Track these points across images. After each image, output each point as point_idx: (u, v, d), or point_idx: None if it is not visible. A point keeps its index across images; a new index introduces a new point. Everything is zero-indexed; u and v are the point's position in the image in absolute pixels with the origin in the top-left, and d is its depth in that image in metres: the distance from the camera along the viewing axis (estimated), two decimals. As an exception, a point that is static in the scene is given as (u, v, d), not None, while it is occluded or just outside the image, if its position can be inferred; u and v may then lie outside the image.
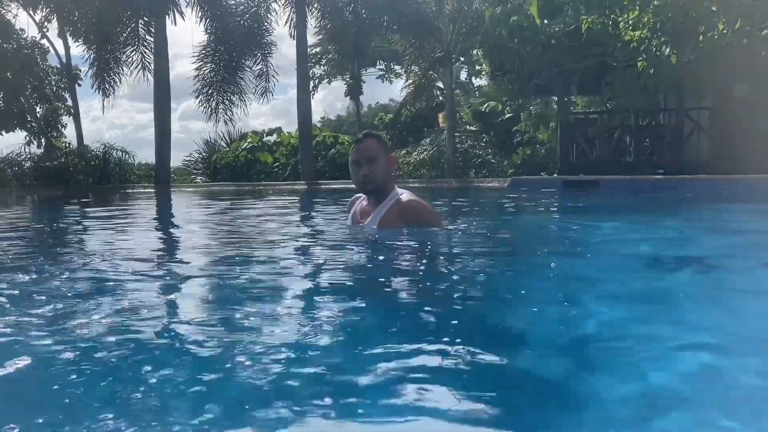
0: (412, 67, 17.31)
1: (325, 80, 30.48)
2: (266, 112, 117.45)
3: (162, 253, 3.75)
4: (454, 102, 17.42)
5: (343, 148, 19.97)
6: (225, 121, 17.13)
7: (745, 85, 13.87)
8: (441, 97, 24.12)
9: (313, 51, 27.78)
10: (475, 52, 18.94)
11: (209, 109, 16.85)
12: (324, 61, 28.03)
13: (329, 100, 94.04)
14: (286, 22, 16.77)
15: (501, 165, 16.75)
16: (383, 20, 16.02)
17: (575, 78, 14.95)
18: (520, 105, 26.70)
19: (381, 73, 30.26)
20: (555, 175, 16.21)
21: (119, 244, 4.11)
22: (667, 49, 12.25)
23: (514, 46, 12.54)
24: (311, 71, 27.82)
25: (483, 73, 19.15)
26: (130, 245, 4.00)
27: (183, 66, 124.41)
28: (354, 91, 29.81)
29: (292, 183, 16.70)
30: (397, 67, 29.22)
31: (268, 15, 17.22)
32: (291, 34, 16.70)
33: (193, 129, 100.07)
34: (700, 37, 12.50)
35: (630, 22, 12.83)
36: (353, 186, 3.46)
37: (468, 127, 19.53)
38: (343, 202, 5.17)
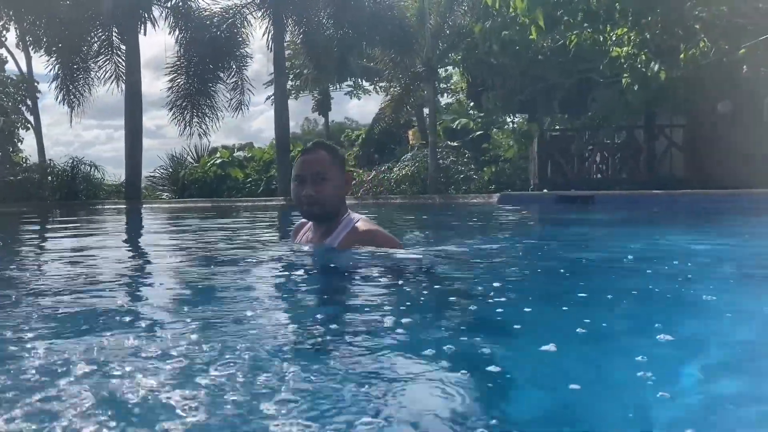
0: (392, 82, 17.09)
1: (292, 95, 30.08)
2: (215, 129, 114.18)
3: (139, 274, 3.19)
4: (435, 117, 17.26)
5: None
6: (199, 135, 16.53)
7: (728, 102, 14.13)
8: (413, 115, 24.02)
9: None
10: (446, 68, 18.84)
11: (183, 122, 16.24)
12: (292, 75, 27.63)
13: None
14: (264, 34, 16.40)
15: (482, 181, 16.64)
16: (364, 34, 15.77)
17: (558, 94, 14.99)
18: (490, 122, 26.93)
19: (349, 89, 30.04)
20: (531, 190, 16.20)
21: (87, 266, 3.49)
22: (656, 66, 12.35)
23: (505, 61, 12.45)
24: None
25: (459, 89, 19.05)
26: (100, 269, 3.32)
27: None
28: (323, 106, 29.56)
29: (269, 199, 16.21)
30: (366, 84, 29.11)
31: (243, 28, 16.79)
32: (269, 46, 16.31)
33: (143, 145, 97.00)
34: (681, 55, 12.69)
35: (615, 38, 12.94)
36: None
37: (449, 142, 19.39)
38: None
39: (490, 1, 11.42)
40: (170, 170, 22.14)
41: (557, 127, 16.53)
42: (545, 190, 13.12)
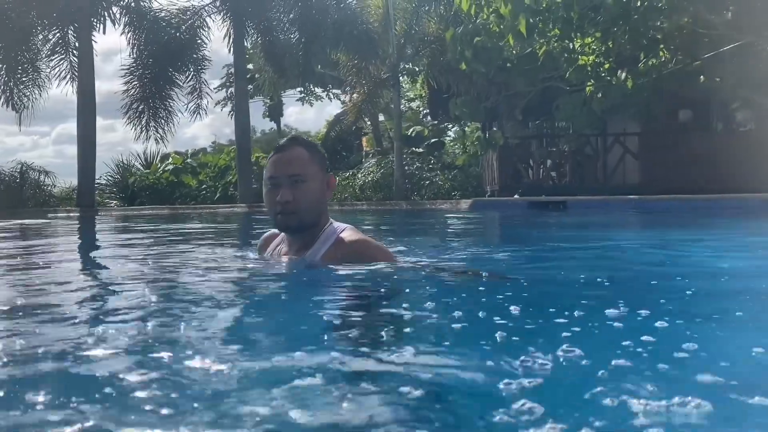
0: (356, 87, 16.94)
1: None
2: (172, 134, 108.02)
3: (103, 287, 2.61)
4: (401, 123, 17.21)
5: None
6: (156, 140, 15.92)
7: (688, 111, 14.63)
8: (368, 121, 23.95)
9: (231, 71, 26.84)
10: (411, 76, 18.85)
11: (140, 126, 15.60)
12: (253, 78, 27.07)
13: (216, 125, 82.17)
14: (225, 37, 15.98)
15: (446, 187, 16.68)
16: (328, 39, 15.57)
17: (521, 102, 15.18)
18: (442, 130, 27.17)
19: (301, 95, 29.69)
20: (487, 197, 16.34)
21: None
22: (623, 74, 12.67)
23: (477, 68, 12.50)
24: (229, 91, 26.87)
25: (417, 96, 19.08)
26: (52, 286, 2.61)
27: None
28: (275, 112, 29.14)
29: (231, 206, 15.76)
30: (318, 90, 28.87)
31: (202, 30, 16.31)
32: (229, 48, 15.91)
33: (68, 153, 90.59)
34: (640, 65, 13.08)
35: (581, 47, 13.21)
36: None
37: (415, 149, 19.39)
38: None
39: (465, 6, 11.47)
40: (117, 177, 21.29)
41: (518, 134, 16.76)
42: (516, 197, 13.22)
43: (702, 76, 13.43)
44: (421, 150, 19.34)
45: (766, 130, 12.76)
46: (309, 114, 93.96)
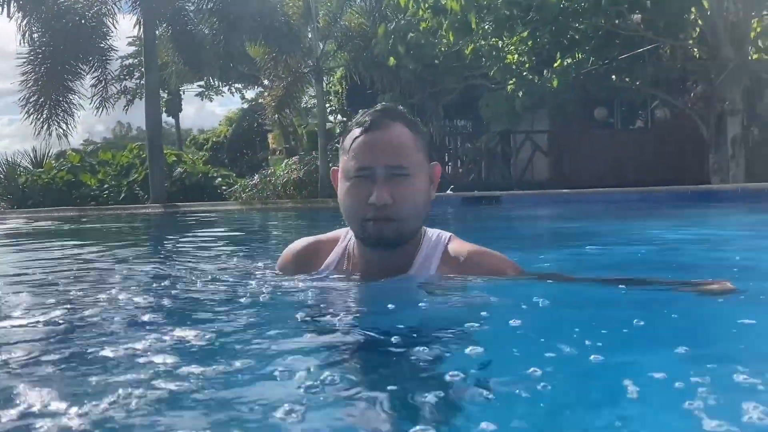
0: (275, 81, 16.42)
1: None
2: (12, 133, 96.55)
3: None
4: (325, 119, 16.88)
5: (189, 166, 18.28)
6: (59, 136, 14.63)
7: (603, 109, 15.39)
8: (277, 117, 23.34)
9: (130, 62, 25.31)
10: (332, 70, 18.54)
11: (41, 120, 14.26)
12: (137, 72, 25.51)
13: (89, 122, 73.33)
14: (135, 26, 14.95)
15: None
16: (247, 30, 14.96)
17: (444, 99, 15.37)
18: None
19: (201, 89, 28.47)
20: None
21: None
22: (548, 73, 13.12)
23: (408, 64, 12.48)
24: (123, 84, 25.25)
25: (335, 92, 18.83)
26: None
27: None
28: (174, 107, 27.73)
29: (144, 206, 14.79)
30: (220, 84, 27.79)
31: (107, 18, 15.14)
32: (139, 38, 14.91)
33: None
34: (556, 64, 13.64)
35: (505, 46, 13.56)
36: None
37: (337, 145, 19.05)
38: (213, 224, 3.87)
39: (403, 1, 11.41)
40: (2, 176, 19.37)
41: (442, 131, 16.97)
42: (449, 192, 13.34)
43: (614, 76, 14.22)
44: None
45: (679, 129, 13.69)
46: (203, 110, 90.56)
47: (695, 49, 13.60)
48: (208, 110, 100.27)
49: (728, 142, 12.33)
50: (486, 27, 11.48)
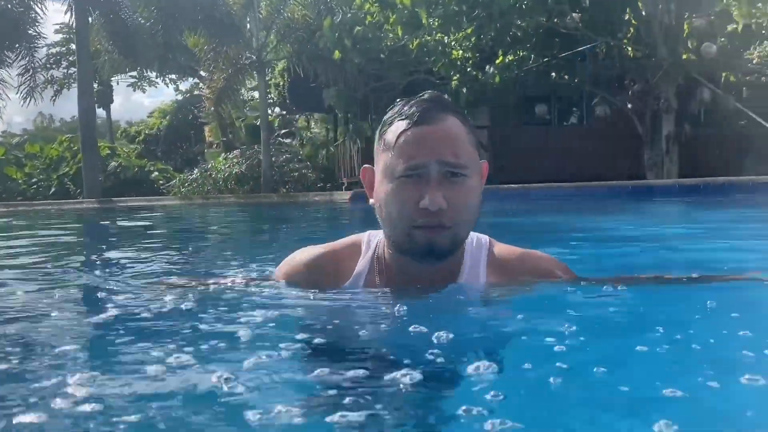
0: (215, 73, 15.99)
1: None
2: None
3: None
4: (267, 111, 16.57)
5: (124, 159, 17.64)
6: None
7: (544, 105, 15.72)
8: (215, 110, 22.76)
9: (57, 50, 24.16)
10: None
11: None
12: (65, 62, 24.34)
13: (8, 112, 73.62)
14: (66, 12, 14.24)
15: (312, 178, 16.38)
16: (186, 19, 14.51)
17: (392, 93, 15.33)
18: (291, 120, 26.64)
19: (133, 80, 27.44)
20: (344, 189, 16.37)
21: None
22: (491, 69, 13.29)
23: (354, 57, 12.36)
24: (50, 74, 24.07)
25: (275, 84, 18.53)
26: None
27: None
28: (105, 98, 26.63)
29: (78, 201, 14.15)
30: (152, 75, 26.88)
31: (35, 3, 14.38)
32: (71, 25, 14.24)
33: None
34: (498, 60, 13.85)
35: (451, 41, 13.65)
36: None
37: (284, 140, 18.73)
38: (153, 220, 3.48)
39: (352, -6, 11.30)
40: None
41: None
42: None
43: (553, 74, 14.55)
44: (289, 141, 18.80)
45: (616, 125, 14.12)
46: (130, 101, 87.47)
47: (629, 48, 14.07)
48: (135, 101, 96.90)
49: (663, 139, 12.83)
50: (433, 22, 11.49)
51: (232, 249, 4.41)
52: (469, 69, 13.96)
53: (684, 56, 13.77)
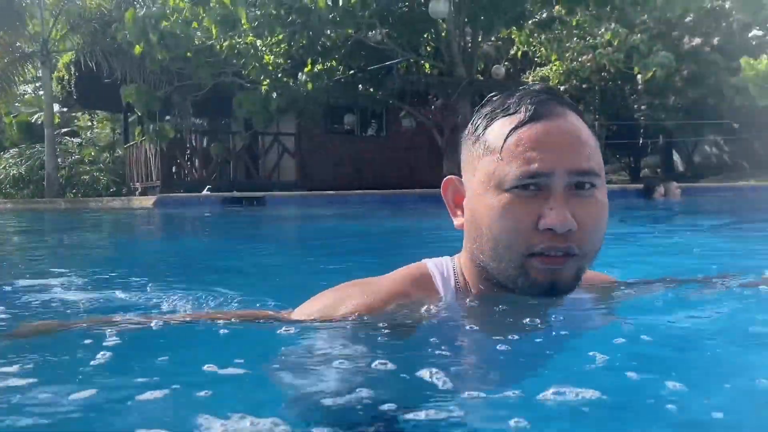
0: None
1: None
2: None
3: None
4: (52, 108, 14.79)
5: None
6: None
7: (352, 116, 16.09)
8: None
9: None
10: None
11: None
12: None
13: None
14: None
15: (103, 182, 14.96)
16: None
17: (197, 94, 14.63)
18: (69, 117, 24.11)
19: None
20: (138, 194, 15.36)
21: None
22: (302, 76, 13.28)
23: (158, 53, 11.50)
24: None
25: (62, 78, 16.72)
26: None
27: None
28: None
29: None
30: None
31: None
32: None
33: None
34: (307, 68, 14.00)
35: (263, 45, 13.43)
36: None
37: (71, 140, 16.74)
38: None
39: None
40: None
41: (189, 128, 16.06)
42: (206, 192, 12.73)
43: (360, 85, 15.01)
44: (80, 141, 16.95)
45: (418, 137, 14.94)
46: None
47: (428, 66, 14.99)
48: None
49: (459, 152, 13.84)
50: (252, 23, 11.17)
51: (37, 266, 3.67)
52: (280, 75, 13.84)
53: (478, 76, 15.06)
